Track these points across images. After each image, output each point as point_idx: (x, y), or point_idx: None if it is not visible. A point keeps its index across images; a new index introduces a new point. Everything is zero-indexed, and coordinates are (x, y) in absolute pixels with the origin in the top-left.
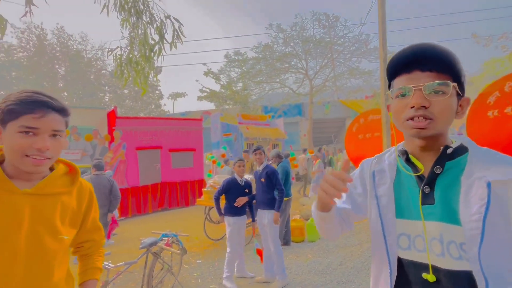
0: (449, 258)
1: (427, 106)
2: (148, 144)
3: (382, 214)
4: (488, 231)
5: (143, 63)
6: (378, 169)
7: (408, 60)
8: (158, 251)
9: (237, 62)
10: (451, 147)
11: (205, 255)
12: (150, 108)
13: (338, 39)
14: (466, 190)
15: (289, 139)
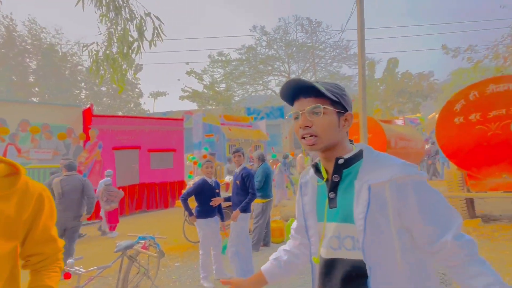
0: (344, 250)
1: (310, 126)
2: (126, 144)
3: (306, 219)
4: (369, 227)
5: (121, 60)
6: (304, 181)
7: (293, 91)
8: (134, 255)
9: (220, 63)
10: (343, 158)
11: (184, 257)
12: (129, 106)
13: (320, 44)
14: (357, 193)
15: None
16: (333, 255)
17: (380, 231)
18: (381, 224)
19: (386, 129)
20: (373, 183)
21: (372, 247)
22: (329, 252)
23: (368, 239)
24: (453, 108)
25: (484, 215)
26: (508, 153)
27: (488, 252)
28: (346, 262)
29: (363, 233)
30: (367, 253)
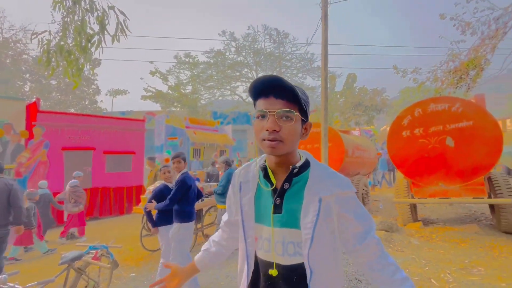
0: (287, 256)
1: (277, 130)
2: (77, 144)
3: (244, 220)
4: (316, 236)
5: (78, 53)
6: (244, 180)
7: (266, 86)
8: (83, 266)
9: (187, 65)
10: (297, 167)
11: (140, 267)
12: (83, 103)
13: (287, 55)
14: (307, 202)
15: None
16: (278, 260)
17: (324, 237)
18: (325, 232)
19: (344, 139)
20: (324, 195)
21: (315, 253)
22: (277, 258)
23: (314, 246)
24: (401, 123)
25: (424, 218)
26: (443, 164)
27: (426, 252)
28: (288, 267)
29: (310, 241)
30: (311, 258)
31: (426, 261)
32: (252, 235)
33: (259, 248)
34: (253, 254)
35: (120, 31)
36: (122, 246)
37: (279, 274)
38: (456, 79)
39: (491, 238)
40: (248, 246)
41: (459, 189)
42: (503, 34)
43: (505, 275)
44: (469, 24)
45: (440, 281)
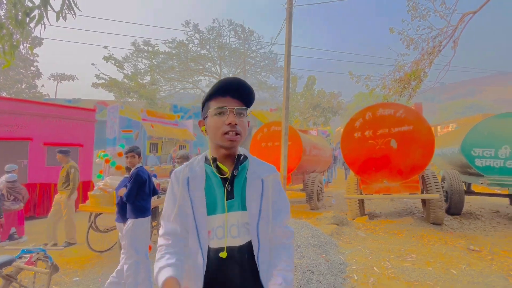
0: (242, 237)
1: (237, 124)
2: (10, 134)
3: (195, 213)
4: (262, 212)
5: (12, 28)
6: (192, 175)
7: (225, 88)
8: (13, 273)
9: (146, 53)
10: (242, 155)
11: (85, 270)
12: (19, 87)
13: (251, 52)
14: (249, 184)
15: (198, 141)
16: (233, 243)
17: (266, 214)
18: (267, 208)
19: (303, 138)
20: (264, 176)
21: (262, 229)
22: (229, 241)
23: (261, 222)
24: (354, 125)
25: (370, 213)
26: (387, 163)
27: (371, 243)
28: (242, 247)
29: (258, 217)
30: (260, 234)
31: (370, 251)
32: (205, 228)
33: (211, 238)
34: (207, 246)
35: (67, 8)
36: (63, 248)
37: (229, 256)
38: (401, 88)
39: (422, 229)
40: (201, 240)
41: (399, 186)
42: (438, 51)
43: (432, 260)
44: (413, 39)
45: (381, 268)
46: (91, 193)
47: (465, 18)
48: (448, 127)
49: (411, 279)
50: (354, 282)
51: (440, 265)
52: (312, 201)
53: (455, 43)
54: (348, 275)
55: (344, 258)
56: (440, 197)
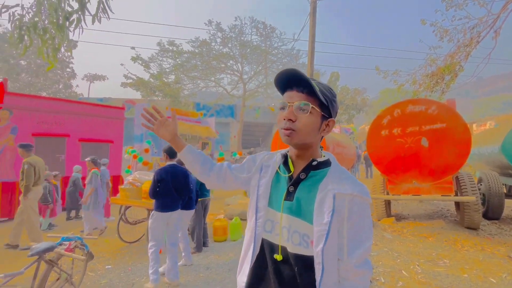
0: (291, 243)
1: (293, 120)
2: (50, 130)
3: (258, 201)
4: (331, 233)
5: (54, 32)
6: (266, 164)
7: (289, 79)
8: (55, 258)
9: (171, 53)
10: (317, 160)
11: (116, 259)
12: (57, 87)
13: (273, 49)
14: (321, 197)
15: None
16: (283, 244)
17: (336, 236)
18: (337, 231)
19: (326, 136)
20: (338, 192)
21: (329, 251)
22: (283, 242)
23: (328, 243)
24: (381, 122)
25: (396, 214)
26: (417, 163)
27: (398, 245)
28: (293, 255)
29: (325, 237)
30: (325, 255)
31: (397, 253)
32: (263, 217)
33: (268, 231)
34: (261, 236)
35: (102, 11)
36: (97, 238)
37: (283, 259)
38: (433, 83)
39: (455, 233)
40: (257, 227)
41: (430, 187)
42: (476, 43)
43: (467, 267)
44: (447, 31)
45: (410, 272)
46: (121, 187)
47: (509, 6)
48: (485, 125)
49: (444, 285)
50: (381, 284)
51: (476, 273)
52: None
53: (496, 34)
54: (375, 277)
55: (370, 260)
56: (476, 199)
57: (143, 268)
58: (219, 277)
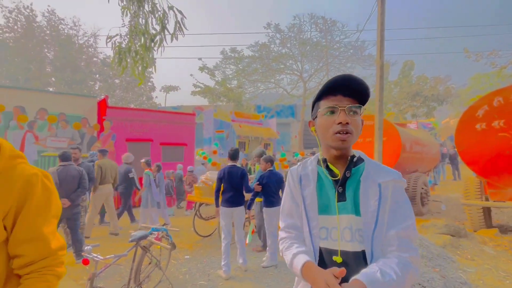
0: (356, 242)
1: (349, 122)
2: (138, 136)
3: (307, 211)
4: (380, 220)
5: (143, 53)
6: (304, 173)
7: (335, 86)
8: (148, 245)
9: (233, 59)
10: (356, 156)
11: (193, 251)
12: (141, 99)
13: (334, 43)
14: (364, 189)
15: (281, 139)
16: (347, 247)
17: (383, 224)
18: (384, 218)
19: (401, 133)
20: (382, 181)
21: (376, 239)
22: (343, 245)
23: (377, 230)
24: (475, 114)
25: (500, 225)
26: None
27: (505, 263)
28: (356, 254)
29: (374, 224)
30: (375, 243)
31: (505, 273)
32: (317, 227)
33: (324, 238)
34: (318, 246)
35: (178, 29)
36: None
37: (344, 261)
38: None
39: None
40: (313, 238)
41: None
42: None
43: None
44: None
45: None
46: (196, 185)
47: None
48: None
49: None
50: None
51: None
52: (414, 206)
53: None
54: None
55: (466, 277)
56: None
57: (216, 261)
58: (288, 277)
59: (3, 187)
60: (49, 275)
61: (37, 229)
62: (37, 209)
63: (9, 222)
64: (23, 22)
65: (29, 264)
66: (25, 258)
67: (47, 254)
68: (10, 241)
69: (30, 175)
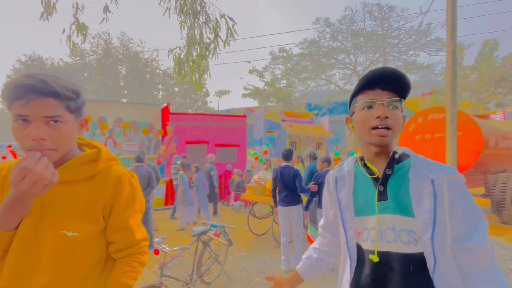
0: (400, 243)
1: (388, 117)
2: (196, 139)
3: (342, 213)
4: (438, 219)
5: (199, 61)
6: (340, 175)
7: (372, 80)
8: (207, 240)
9: (281, 59)
10: (398, 153)
11: (249, 248)
12: (198, 105)
13: (393, 31)
14: (415, 187)
15: (335, 138)
16: (389, 248)
17: (443, 223)
18: (443, 217)
19: (483, 126)
20: (435, 177)
21: (438, 240)
22: (384, 245)
23: (437, 231)
24: None
25: None
26: None
27: None
28: (403, 256)
29: (432, 225)
30: (436, 245)
31: None
32: (352, 228)
33: (364, 240)
34: (355, 247)
35: (230, 35)
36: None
37: (383, 261)
38: None
39: None
40: (348, 239)
41: None
42: None
43: None
44: None
45: None
46: (249, 185)
47: None
48: None
49: None
50: None
51: None
52: (503, 212)
53: None
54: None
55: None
56: None
57: (271, 259)
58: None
59: (102, 185)
60: (134, 262)
61: (125, 221)
62: (125, 203)
63: (106, 213)
64: (103, 46)
65: (120, 250)
66: (117, 245)
67: (133, 243)
68: (107, 229)
69: (120, 175)
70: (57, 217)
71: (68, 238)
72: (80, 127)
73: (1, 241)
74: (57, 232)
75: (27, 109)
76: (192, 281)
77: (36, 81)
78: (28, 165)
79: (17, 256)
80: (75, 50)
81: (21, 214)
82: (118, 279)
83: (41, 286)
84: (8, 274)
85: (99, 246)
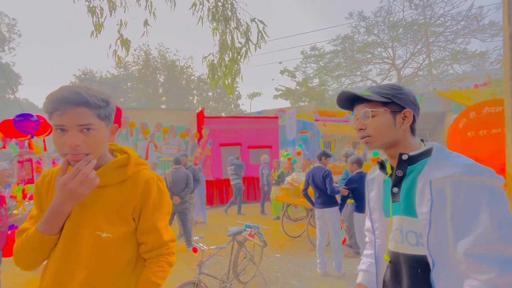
0: (407, 244)
1: (363, 128)
2: (229, 141)
3: (371, 214)
4: (434, 222)
5: (231, 66)
6: (371, 177)
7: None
8: (243, 240)
9: (313, 58)
10: (406, 154)
11: (283, 250)
12: (230, 108)
13: (437, 19)
14: (420, 188)
15: None
16: (397, 249)
17: (442, 226)
18: (443, 220)
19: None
20: (434, 178)
21: (435, 242)
22: (394, 246)
23: (432, 233)
24: None
25: None
26: None
27: None
28: (410, 258)
29: (428, 227)
30: (431, 247)
31: None
32: (378, 228)
33: (390, 240)
34: (386, 249)
35: (261, 38)
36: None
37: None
38: None
39: None
40: (376, 239)
41: None
42: None
43: None
44: None
45: None
46: (283, 186)
47: None
48: None
49: None
50: None
51: None
52: None
53: None
54: None
55: None
56: None
57: (306, 262)
58: None
59: (132, 188)
60: (163, 262)
61: (153, 223)
62: (154, 206)
63: (136, 216)
64: (143, 56)
65: (149, 251)
66: (146, 245)
67: (161, 244)
68: (137, 230)
69: (148, 179)
70: (92, 219)
71: (102, 239)
72: (111, 134)
73: (47, 244)
74: (93, 233)
75: (62, 119)
76: (228, 280)
77: (69, 93)
78: (80, 167)
79: (61, 253)
80: (120, 63)
81: (62, 220)
82: (149, 278)
83: (81, 280)
84: (54, 269)
85: (131, 246)
